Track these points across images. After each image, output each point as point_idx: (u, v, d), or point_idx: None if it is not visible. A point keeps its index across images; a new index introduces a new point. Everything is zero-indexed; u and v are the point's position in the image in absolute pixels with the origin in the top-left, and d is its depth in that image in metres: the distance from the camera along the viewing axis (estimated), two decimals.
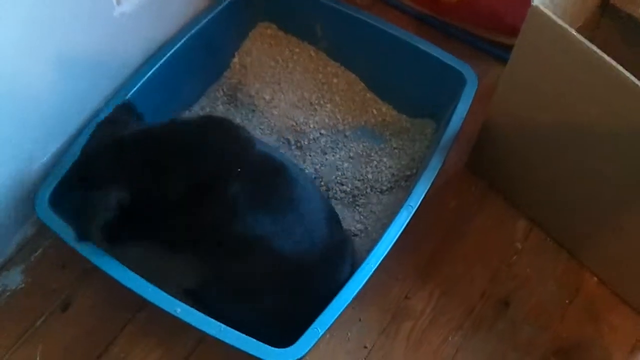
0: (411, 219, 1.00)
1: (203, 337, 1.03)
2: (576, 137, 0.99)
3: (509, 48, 1.02)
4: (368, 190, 1.19)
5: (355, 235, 1.14)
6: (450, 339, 1.09)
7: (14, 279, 1.10)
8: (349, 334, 1.08)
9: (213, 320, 0.92)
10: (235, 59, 1.32)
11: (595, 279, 1.15)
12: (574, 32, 0.88)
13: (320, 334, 0.91)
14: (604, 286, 1.15)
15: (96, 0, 1.02)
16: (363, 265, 0.97)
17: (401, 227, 1.00)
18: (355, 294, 0.94)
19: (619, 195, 1.01)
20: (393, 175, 1.20)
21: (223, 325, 0.91)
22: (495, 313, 1.12)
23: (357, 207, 1.18)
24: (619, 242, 1.06)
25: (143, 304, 0.96)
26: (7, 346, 1.05)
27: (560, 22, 0.88)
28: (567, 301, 1.13)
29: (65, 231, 0.98)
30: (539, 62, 0.96)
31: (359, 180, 1.20)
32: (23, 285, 1.10)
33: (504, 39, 1.35)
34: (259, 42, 1.34)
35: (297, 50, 1.34)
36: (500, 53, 1.35)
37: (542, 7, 0.89)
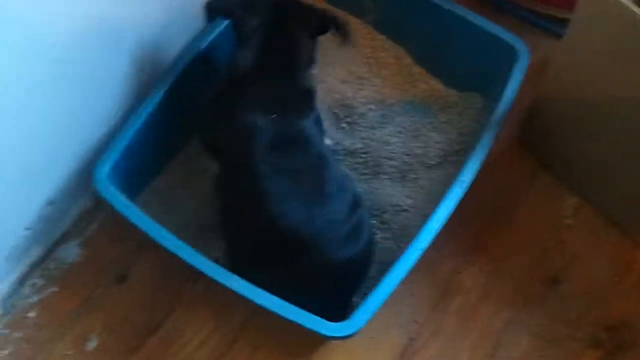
0: None
1: (257, 309, 1.04)
2: (635, 114, 0.97)
3: (559, 21, 1.00)
4: (417, 165, 1.19)
5: (405, 210, 1.14)
6: (500, 314, 1.09)
7: (71, 252, 1.12)
8: (401, 309, 1.09)
9: (267, 293, 0.93)
10: None
11: None
12: (633, 6, 0.86)
13: (374, 309, 0.92)
14: None
15: None
16: (415, 241, 0.97)
17: (454, 203, 1.00)
18: (408, 270, 0.95)
19: None
20: (442, 150, 1.20)
21: (277, 298, 0.92)
22: (545, 289, 1.12)
23: (406, 182, 1.18)
24: None
25: (198, 276, 0.97)
26: (65, 319, 1.07)
27: None
28: (617, 278, 1.13)
29: (122, 204, 1.00)
30: (597, 37, 0.95)
31: (407, 155, 1.20)
32: (79, 258, 1.12)
33: (554, 11, 1.32)
34: None
35: None
36: (549, 26, 1.32)
37: None
